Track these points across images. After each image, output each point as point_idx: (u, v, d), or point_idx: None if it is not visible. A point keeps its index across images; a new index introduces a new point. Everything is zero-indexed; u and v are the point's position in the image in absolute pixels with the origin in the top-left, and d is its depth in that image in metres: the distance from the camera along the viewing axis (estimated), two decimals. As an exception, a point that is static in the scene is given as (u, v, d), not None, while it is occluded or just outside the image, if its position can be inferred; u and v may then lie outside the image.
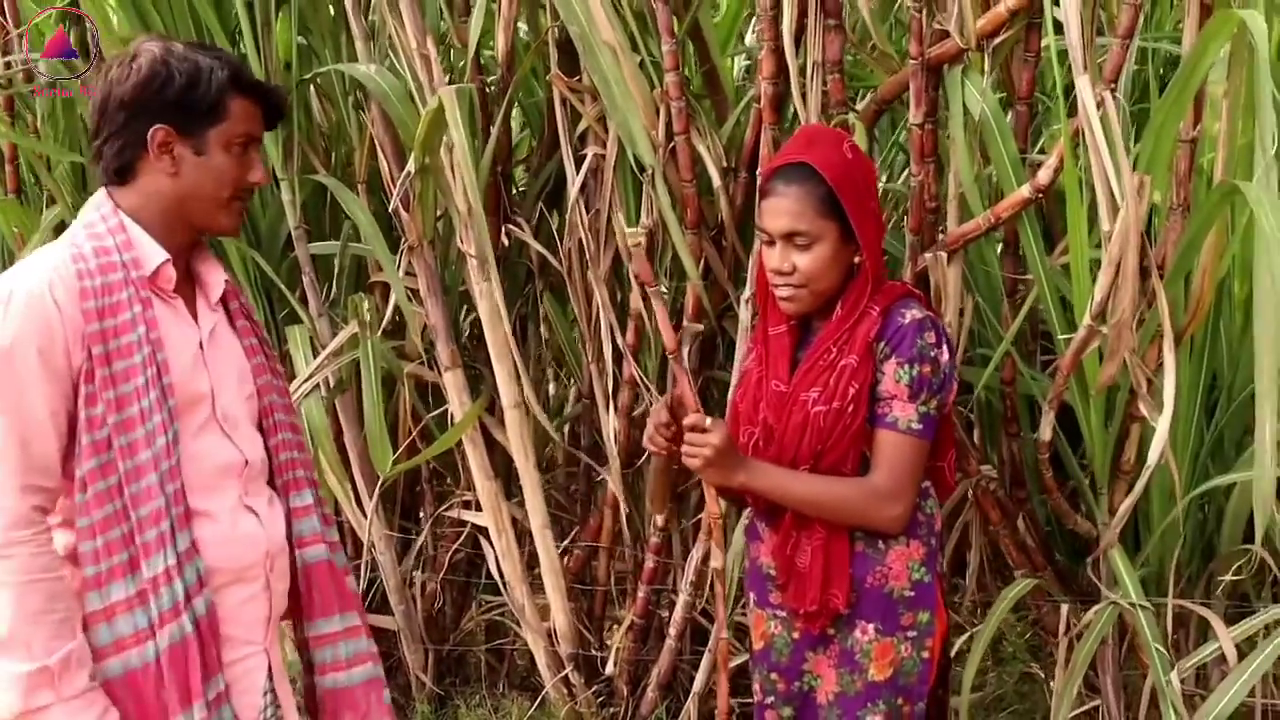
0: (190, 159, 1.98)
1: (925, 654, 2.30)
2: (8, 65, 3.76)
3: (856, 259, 2.26)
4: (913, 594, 2.28)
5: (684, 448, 2.26)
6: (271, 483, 2.15)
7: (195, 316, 2.06)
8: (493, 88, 3.51)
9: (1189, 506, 2.95)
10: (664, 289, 3.51)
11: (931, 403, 2.24)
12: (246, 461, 2.05)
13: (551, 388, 4.64)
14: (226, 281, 2.12)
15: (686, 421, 2.27)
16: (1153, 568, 3.01)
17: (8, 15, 3.71)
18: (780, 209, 2.23)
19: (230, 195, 2.02)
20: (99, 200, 2.01)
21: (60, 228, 3.66)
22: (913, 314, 2.25)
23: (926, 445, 2.26)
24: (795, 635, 2.35)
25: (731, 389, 3.11)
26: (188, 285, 2.07)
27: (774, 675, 2.39)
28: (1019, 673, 3.75)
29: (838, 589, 2.25)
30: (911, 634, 2.29)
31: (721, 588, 2.43)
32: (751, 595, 2.47)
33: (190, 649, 1.90)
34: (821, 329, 2.30)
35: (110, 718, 1.87)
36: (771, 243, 2.26)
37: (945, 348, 2.26)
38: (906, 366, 2.22)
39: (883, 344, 2.24)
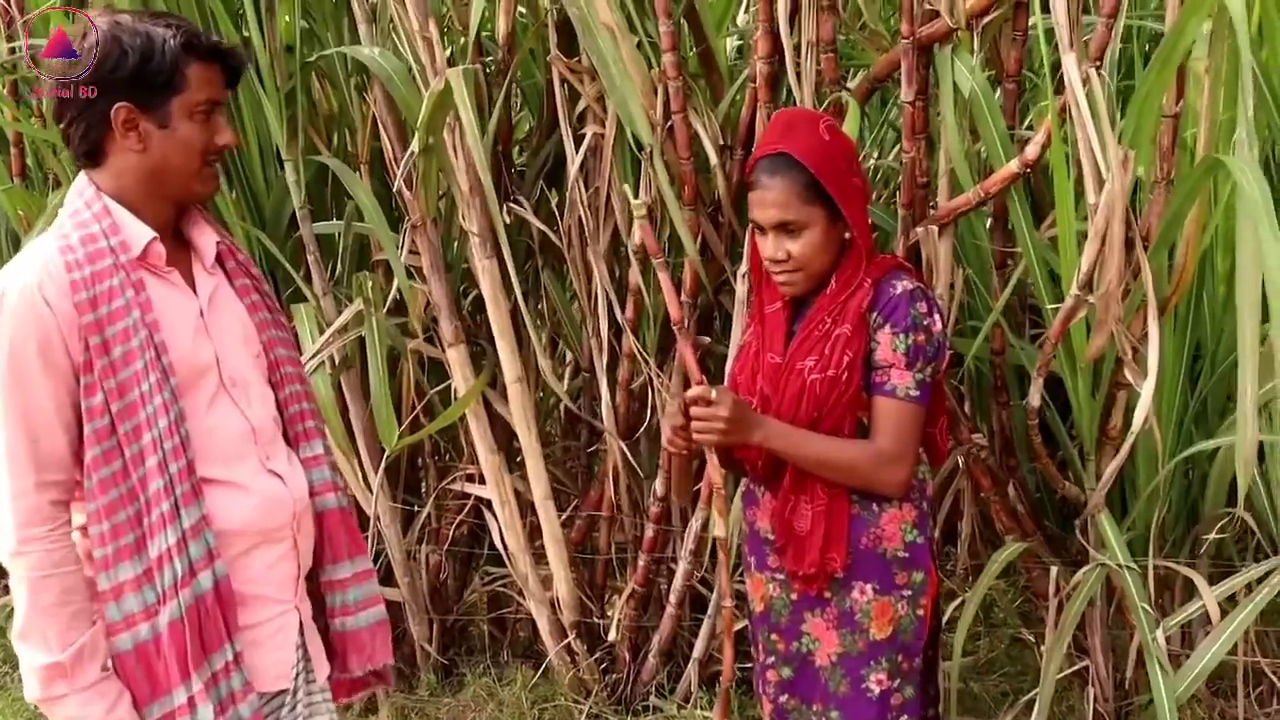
0: (156, 133, 1.97)
1: (920, 612, 2.39)
2: (12, 51, 3.81)
3: (847, 235, 2.34)
4: (906, 555, 2.37)
5: (694, 425, 2.32)
6: (285, 437, 2.18)
7: (194, 284, 2.07)
8: (491, 69, 3.57)
9: (1173, 471, 3.05)
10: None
11: (927, 370, 2.32)
12: (254, 428, 2.09)
13: (547, 364, 4.71)
14: (219, 242, 2.12)
15: (689, 395, 2.34)
16: (1139, 531, 3.11)
17: (12, 3, 3.77)
18: (767, 201, 2.31)
19: (201, 162, 2.02)
20: (81, 185, 2.02)
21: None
22: (904, 285, 2.33)
23: (924, 411, 2.34)
24: (793, 596, 2.43)
25: (729, 361, 3.20)
26: (182, 253, 2.08)
27: (774, 635, 2.48)
28: (1010, 637, 3.85)
29: (836, 552, 2.33)
30: (907, 593, 2.38)
31: (725, 556, 2.50)
32: (750, 559, 2.55)
33: (190, 623, 1.95)
34: (816, 303, 2.37)
35: (122, 705, 1.93)
36: (763, 232, 2.34)
37: (937, 317, 2.35)
38: (902, 335, 2.30)
39: (875, 314, 2.32)
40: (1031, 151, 2.82)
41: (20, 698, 4.13)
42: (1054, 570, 3.03)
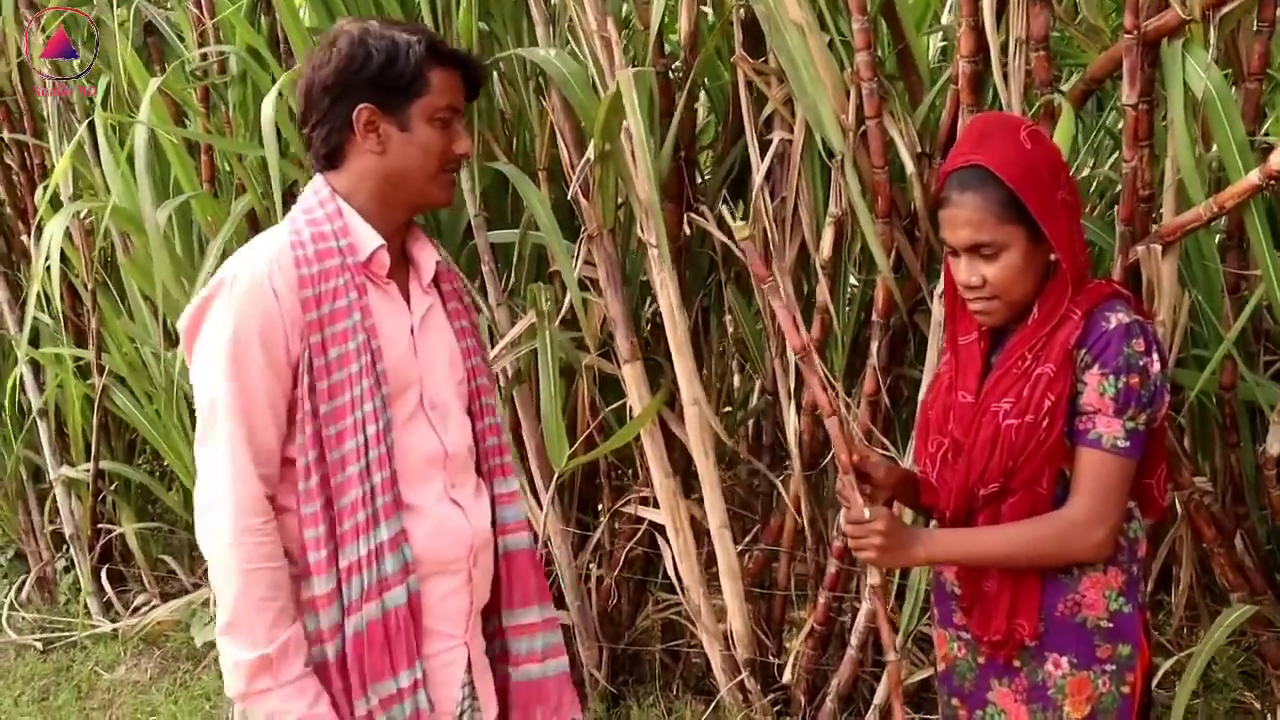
0: (396, 136, 1.97)
1: (1126, 689, 2.09)
2: (204, 57, 3.82)
3: (1052, 257, 2.05)
4: (1111, 625, 2.07)
5: (851, 543, 2.11)
6: (478, 469, 2.12)
7: (409, 299, 2.05)
8: (677, 71, 3.40)
9: None
10: (854, 280, 3.36)
11: (1140, 418, 2.02)
12: (447, 453, 2.03)
13: (736, 380, 4.52)
14: (439, 262, 2.09)
15: (846, 519, 2.12)
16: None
17: (204, 8, 3.77)
18: (959, 220, 2.03)
19: (438, 168, 2.00)
20: (317, 185, 2.01)
21: (250, 217, 3.72)
22: (1119, 318, 2.02)
23: (1133, 465, 2.04)
24: (980, 660, 2.17)
25: (923, 391, 2.93)
26: (402, 268, 2.06)
27: (955, 701, 2.22)
28: (1230, 700, 3.46)
29: (1025, 619, 2.06)
30: (1110, 668, 2.08)
31: (882, 605, 2.26)
32: (935, 611, 2.30)
33: (373, 639, 1.90)
34: (1016, 335, 2.09)
35: (321, 703, 1.90)
36: (956, 254, 2.08)
37: (1156, 356, 2.04)
38: (1112, 378, 2.00)
39: (1084, 351, 2.02)
40: (1276, 161, 2.48)
41: (201, 694, 4.17)
42: (1288, 639, 2.67)
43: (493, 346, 3.45)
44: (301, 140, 2.06)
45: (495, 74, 3.71)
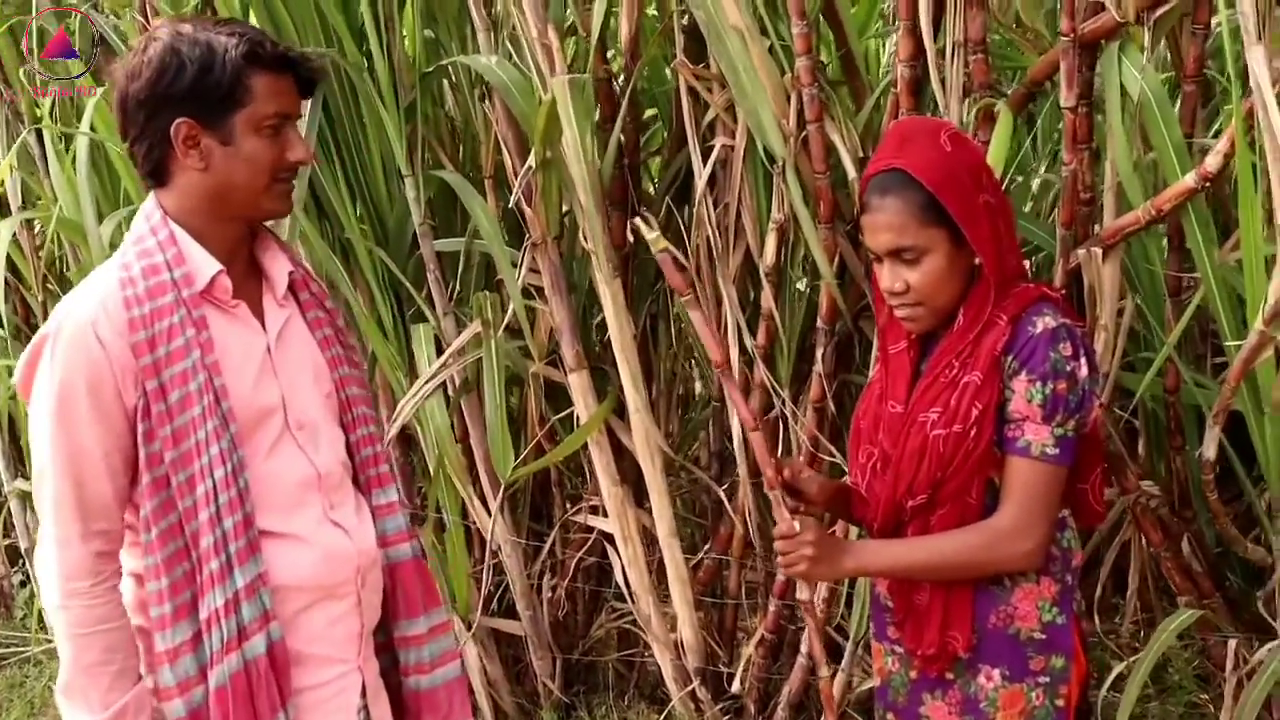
0: (219, 150, 1.84)
1: (1060, 702, 2.06)
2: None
3: (978, 260, 2.02)
4: (1044, 636, 2.05)
5: (780, 559, 2.09)
6: (356, 481, 2.05)
7: (265, 315, 1.95)
8: (621, 77, 3.36)
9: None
10: (800, 287, 3.32)
11: (1069, 424, 1.99)
12: (320, 475, 1.95)
13: (699, 386, 4.48)
14: (292, 271, 1.98)
15: (775, 533, 2.11)
16: (1339, 601, 2.70)
17: (149, 17, 3.71)
18: (880, 225, 2.00)
19: (269, 180, 1.87)
20: (148, 208, 1.90)
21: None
22: (1045, 322, 1.99)
23: (1063, 472, 2.01)
24: (913, 675, 2.14)
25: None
26: (253, 281, 1.96)
27: (890, 716, 2.20)
28: (1186, 703, 3.44)
29: (958, 631, 2.03)
30: (1044, 680, 2.05)
31: (813, 621, 2.23)
32: (872, 624, 2.28)
33: (237, 691, 1.82)
34: (942, 343, 2.07)
35: None
36: (880, 260, 2.05)
37: (1084, 360, 2.01)
38: (1039, 384, 1.97)
39: (1011, 358, 2.00)
40: (1212, 163, 2.47)
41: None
42: (1232, 644, 2.65)
43: (439, 356, 3.42)
44: (125, 157, 1.96)
45: (444, 81, 3.68)
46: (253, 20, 3.50)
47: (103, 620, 1.83)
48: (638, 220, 2.54)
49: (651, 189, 3.65)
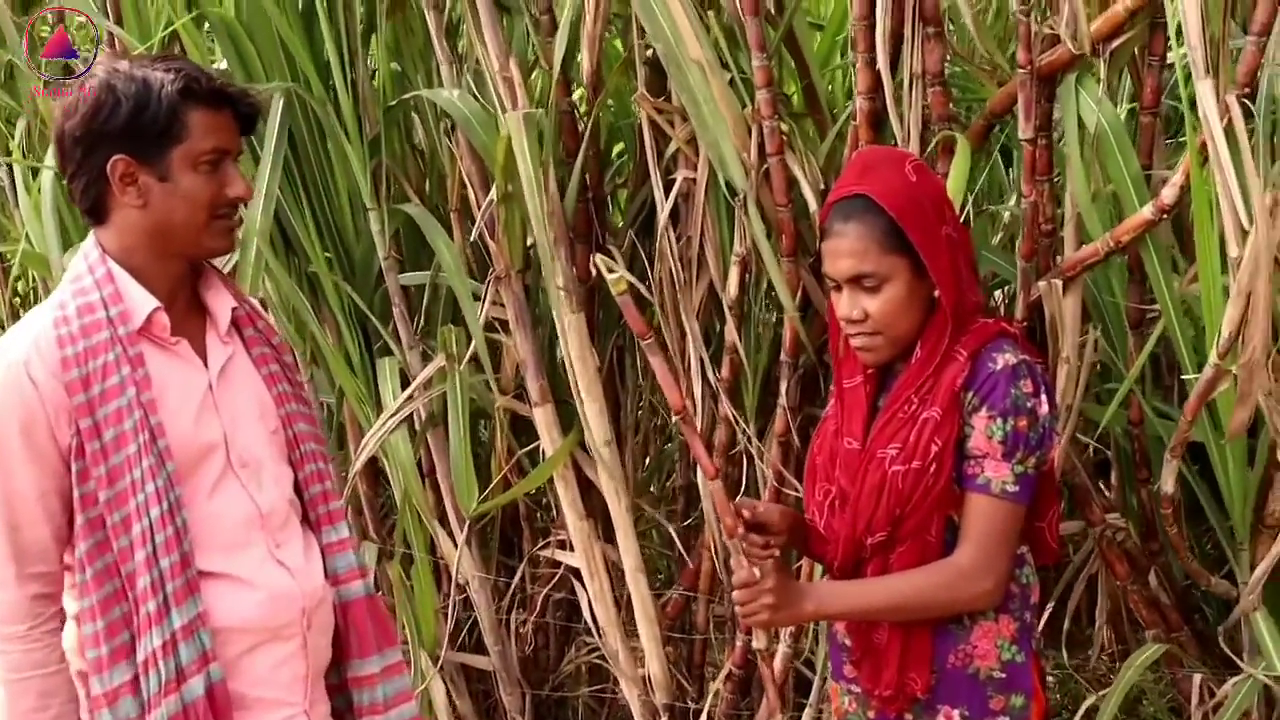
0: (157, 187, 1.82)
1: (1020, 742, 2.05)
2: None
3: (937, 293, 2.01)
4: (1004, 675, 2.03)
5: (739, 609, 2.06)
6: (305, 520, 2.02)
7: (207, 353, 1.93)
8: (584, 110, 3.35)
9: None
10: (764, 319, 3.31)
11: (1029, 461, 1.98)
12: (262, 514, 1.92)
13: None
14: (236, 308, 1.97)
15: (735, 580, 2.07)
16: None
17: (116, 50, 3.70)
18: (841, 251, 1.99)
19: (208, 217, 1.86)
20: (87, 247, 1.89)
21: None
22: (1006, 359, 1.98)
23: (1022, 510, 1.99)
24: (871, 715, 2.12)
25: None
26: (195, 319, 1.94)
27: (849, 758, 2.17)
28: (1160, 735, 3.42)
29: (916, 673, 2.01)
30: (1004, 719, 2.03)
31: (769, 669, 2.21)
32: (830, 664, 2.25)
33: None
34: (901, 377, 2.05)
35: None
36: (839, 288, 2.03)
37: (1044, 397, 2.00)
38: (999, 420, 1.96)
39: (971, 394, 1.98)
40: (1168, 195, 2.47)
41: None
42: (1196, 678, 2.63)
43: (405, 389, 3.39)
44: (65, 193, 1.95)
45: (412, 114, 3.67)
46: (217, 54, 3.51)
47: (39, 665, 1.81)
48: (599, 258, 2.51)
49: (621, 221, 3.64)
